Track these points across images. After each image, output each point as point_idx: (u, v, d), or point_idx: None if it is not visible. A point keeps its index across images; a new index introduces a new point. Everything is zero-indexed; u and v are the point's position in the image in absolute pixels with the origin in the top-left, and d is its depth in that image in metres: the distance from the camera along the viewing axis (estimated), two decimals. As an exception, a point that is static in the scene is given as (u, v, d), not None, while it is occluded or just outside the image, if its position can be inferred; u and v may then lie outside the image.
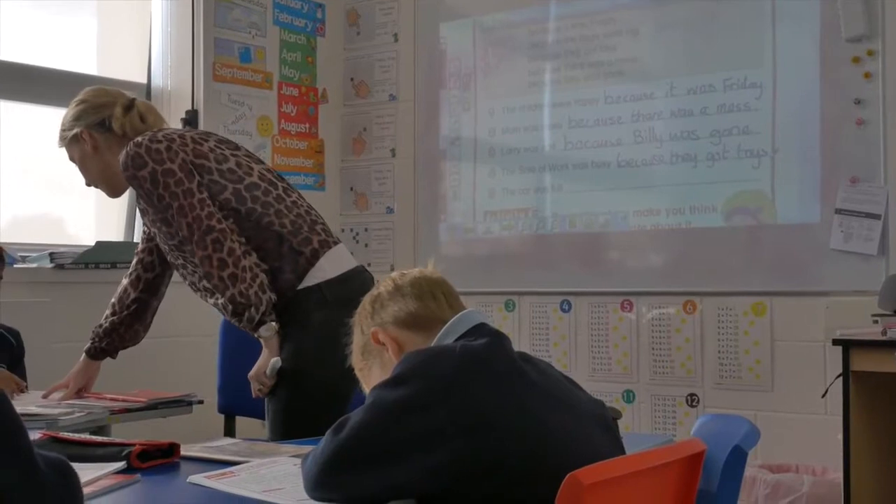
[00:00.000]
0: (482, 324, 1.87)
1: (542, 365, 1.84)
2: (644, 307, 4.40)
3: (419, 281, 1.94)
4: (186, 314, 3.25)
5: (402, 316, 1.90)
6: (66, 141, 2.89)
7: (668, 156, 4.35)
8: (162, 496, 1.91)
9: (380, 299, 1.94)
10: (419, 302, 1.90)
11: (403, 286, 1.94)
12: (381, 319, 1.93)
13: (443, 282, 1.97)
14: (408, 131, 5.12)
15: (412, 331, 1.88)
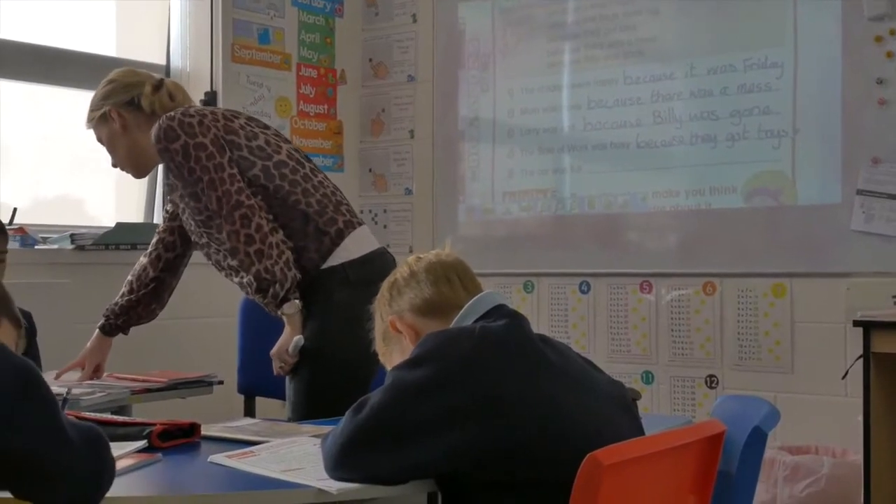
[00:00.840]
0: (501, 305, 1.87)
1: (561, 347, 1.85)
2: (663, 288, 4.38)
3: (434, 266, 1.94)
4: (207, 295, 3.27)
5: (417, 303, 1.91)
6: (94, 121, 2.89)
7: (687, 136, 4.33)
8: (183, 475, 1.92)
9: (396, 286, 1.95)
10: (434, 288, 1.90)
11: (418, 272, 1.94)
12: (398, 307, 1.93)
13: (458, 264, 1.96)
14: (426, 112, 5.11)
15: (428, 317, 1.89)
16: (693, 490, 1.79)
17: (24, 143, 4.36)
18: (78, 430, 1.56)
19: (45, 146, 4.41)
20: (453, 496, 1.75)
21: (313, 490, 1.66)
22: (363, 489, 1.69)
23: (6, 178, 4.31)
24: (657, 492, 1.69)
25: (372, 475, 1.69)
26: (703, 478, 1.80)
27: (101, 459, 1.59)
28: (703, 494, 1.81)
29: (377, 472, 1.69)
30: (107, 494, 1.59)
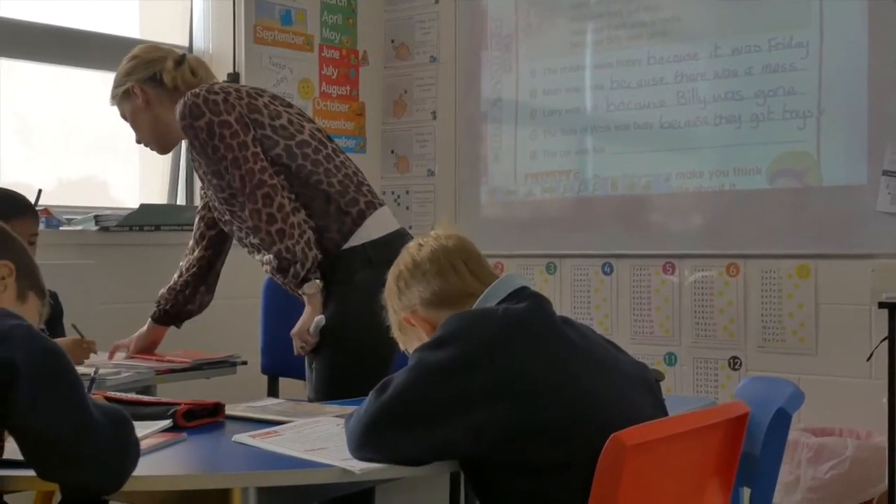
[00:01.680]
0: (523, 287, 1.86)
1: (583, 328, 1.84)
2: (686, 270, 4.37)
3: (437, 255, 1.92)
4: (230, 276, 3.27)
5: (427, 296, 1.90)
6: (117, 97, 2.90)
7: (711, 117, 4.30)
8: (207, 455, 1.94)
9: (402, 278, 1.94)
10: (441, 279, 1.89)
11: (422, 263, 1.92)
12: (408, 301, 1.92)
13: (461, 248, 1.94)
14: (449, 93, 5.09)
15: (441, 308, 1.88)
16: (717, 471, 1.79)
17: (48, 124, 4.38)
18: (103, 412, 1.57)
19: (69, 128, 4.43)
20: (476, 477, 1.75)
21: (337, 470, 1.67)
22: (386, 469, 1.69)
23: (31, 160, 4.33)
24: (681, 473, 1.69)
25: (395, 456, 1.69)
26: (726, 459, 1.79)
27: (126, 441, 1.60)
28: (726, 476, 1.80)
29: (400, 452, 1.69)
30: (133, 473, 1.60)
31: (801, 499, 3.60)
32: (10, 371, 1.47)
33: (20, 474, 1.61)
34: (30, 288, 1.78)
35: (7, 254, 1.75)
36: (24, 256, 1.80)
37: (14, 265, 1.74)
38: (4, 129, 4.29)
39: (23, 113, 4.34)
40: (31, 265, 1.82)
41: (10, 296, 1.73)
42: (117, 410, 1.63)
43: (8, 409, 1.49)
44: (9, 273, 1.73)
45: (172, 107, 2.77)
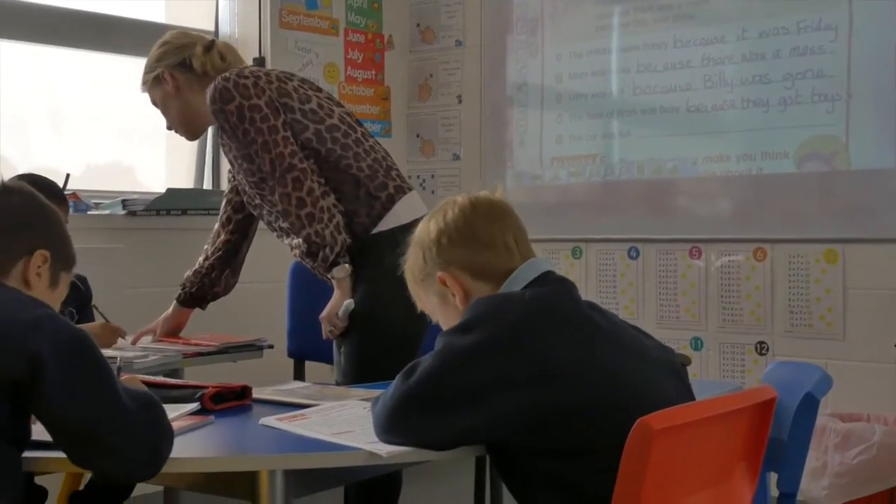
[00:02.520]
0: (548, 272, 1.86)
1: (609, 314, 1.84)
2: (713, 254, 4.35)
3: (492, 226, 1.86)
4: (257, 260, 3.29)
5: (471, 266, 1.85)
6: (148, 83, 2.91)
7: (738, 100, 4.28)
8: (235, 437, 1.95)
9: (447, 234, 1.87)
10: (492, 252, 1.84)
11: (477, 227, 1.86)
12: (448, 259, 1.87)
13: (516, 224, 1.90)
14: (474, 77, 5.08)
15: (479, 280, 1.85)
16: (744, 456, 1.78)
17: (76, 109, 4.40)
18: (134, 398, 1.57)
19: (97, 113, 4.45)
20: (502, 461, 1.75)
21: (363, 453, 1.67)
22: (412, 453, 1.70)
23: (60, 145, 4.36)
24: (708, 457, 1.69)
25: (421, 439, 1.70)
26: (754, 444, 1.78)
27: (159, 426, 1.60)
28: (753, 461, 1.80)
29: (427, 436, 1.69)
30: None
31: (829, 484, 3.58)
32: (37, 362, 1.47)
33: (51, 456, 1.63)
34: (62, 269, 1.78)
35: (44, 239, 1.74)
36: (59, 235, 1.79)
37: (49, 253, 1.73)
38: (35, 115, 4.32)
39: (53, 98, 4.36)
40: (64, 241, 1.79)
41: (44, 284, 1.72)
42: (148, 395, 1.63)
43: (38, 400, 1.50)
44: (44, 261, 1.72)
45: (202, 92, 2.78)
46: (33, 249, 1.71)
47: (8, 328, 1.49)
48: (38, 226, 1.75)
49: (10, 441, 1.52)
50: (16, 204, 1.75)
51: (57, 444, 1.56)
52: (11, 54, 4.16)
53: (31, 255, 1.70)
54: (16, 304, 1.56)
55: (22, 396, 1.49)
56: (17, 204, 1.75)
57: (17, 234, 1.71)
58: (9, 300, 1.57)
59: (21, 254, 1.70)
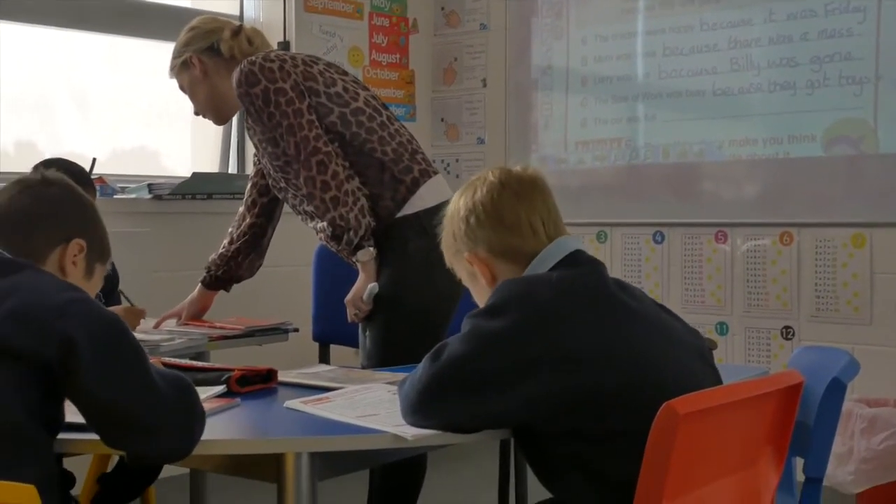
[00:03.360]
0: (577, 251, 1.84)
1: (638, 293, 1.82)
2: (739, 238, 4.33)
3: (519, 207, 1.84)
4: (282, 244, 3.29)
5: (497, 248, 1.84)
6: (176, 68, 2.91)
7: (765, 84, 4.25)
8: (260, 420, 1.96)
9: (475, 214, 1.86)
10: (517, 235, 1.83)
11: (504, 209, 1.84)
12: (474, 239, 1.86)
13: (546, 203, 1.87)
14: (499, 61, 5.07)
15: (507, 261, 1.84)
16: (770, 441, 1.77)
17: (103, 94, 4.42)
18: (166, 381, 1.59)
19: (122, 98, 4.47)
20: (528, 444, 1.75)
21: (388, 436, 1.68)
22: (438, 436, 1.70)
23: (86, 130, 4.38)
24: (734, 442, 1.68)
25: (447, 422, 1.70)
26: (780, 429, 1.78)
27: (192, 408, 1.62)
28: (780, 445, 1.79)
29: (453, 419, 1.70)
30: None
31: (855, 469, 3.56)
32: (70, 347, 1.49)
33: (80, 437, 1.64)
34: (97, 260, 1.80)
35: (80, 229, 1.76)
36: (95, 226, 1.81)
37: (86, 242, 1.75)
38: (62, 100, 4.34)
39: (79, 83, 4.38)
40: (101, 232, 1.82)
41: (79, 272, 1.75)
42: (180, 378, 1.65)
43: (71, 383, 1.51)
44: (80, 251, 1.74)
45: (229, 76, 2.78)
46: (70, 238, 1.73)
47: (40, 310, 1.51)
48: (75, 216, 1.78)
49: (43, 424, 1.53)
50: (54, 194, 1.77)
51: (90, 426, 1.57)
52: (39, 39, 4.19)
53: (67, 243, 1.73)
54: (49, 287, 1.58)
55: (54, 379, 1.51)
56: (55, 194, 1.77)
57: (54, 223, 1.74)
58: (42, 283, 1.59)
59: (58, 242, 1.72)
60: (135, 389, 1.54)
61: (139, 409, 1.54)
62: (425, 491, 2.79)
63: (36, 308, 1.51)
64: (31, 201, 1.73)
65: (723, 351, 4.27)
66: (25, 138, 4.25)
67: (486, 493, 3.18)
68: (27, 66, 4.18)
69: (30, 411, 1.50)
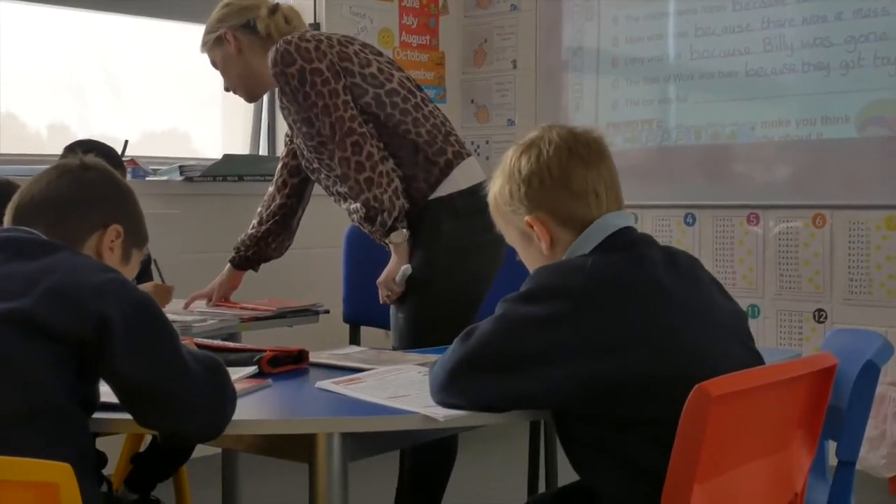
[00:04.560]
0: (625, 229, 1.78)
1: (686, 268, 1.77)
2: (771, 220, 4.30)
3: (587, 174, 1.78)
4: (314, 226, 3.30)
5: (560, 213, 1.78)
6: (209, 44, 2.90)
7: (799, 64, 4.20)
8: (292, 400, 1.96)
9: (539, 177, 1.78)
10: (582, 202, 1.77)
11: (572, 175, 1.77)
12: (537, 202, 1.79)
13: (607, 172, 1.81)
14: (529, 42, 5.05)
15: (567, 227, 1.78)
16: (802, 424, 1.76)
17: (134, 77, 4.44)
18: (198, 361, 1.61)
19: (154, 80, 4.49)
20: (561, 427, 1.75)
21: (419, 416, 1.68)
22: (468, 417, 1.70)
23: (117, 112, 4.41)
24: (766, 425, 1.67)
25: (477, 401, 1.70)
26: (812, 412, 1.76)
27: (223, 388, 1.64)
28: (812, 429, 1.78)
29: (482, 398, 1.70)
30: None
31: (887, 453, 3.54)
32: (104, 326, 1.50)
33: (113, 417, 1.66)
34: (134, 245, 1.82)
35: (119, 214, 1.77)
36: (133, 212, 1.82)
37: (123, 228, 1.77)
38: (94, 82, 4.36)
39: (110, 65, 4.40)
40: (138, 218, 1.84)
41: (116, 258, 1.76)
42: (212, 358, 1.66)
43: (105, 362, 1.53)
44: (117, 236, 1.76)
45: (264, 54, 2.77)
46: (108, 224, 1.75)
47: (77, 290, 1.52)
48: (113, 201, 1.79)
49: (80, 403, 1.55)
50: (93, 179, 1.78)
51: (123, 405, 1.59)
52: (70, 22, 4.21)
53: (105, 229, 1.74)
54: (85, 267, 1.59)
55: (89, 358, 1.52)
56: (93, 179, 1.78)
57: (92, 208, 1.75)
58: (79, 263, 1.60)
59: (95, 227, 1.74)
60: (167, 369, 1.56)
61: (171, 387, 1.56)
62: (455, 473, 2.79)
63: (73, 288, 1.53)
64: (70, 187, 1.75)
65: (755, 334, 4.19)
66: (58, 121, 4.29)
67: (516, 476, 3.19)
68: (60, 49, 4.21)
69: (67, 390, 1.52)
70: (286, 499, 3.60)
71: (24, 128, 4.23)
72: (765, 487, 1.70)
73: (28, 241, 1.64)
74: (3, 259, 1.58)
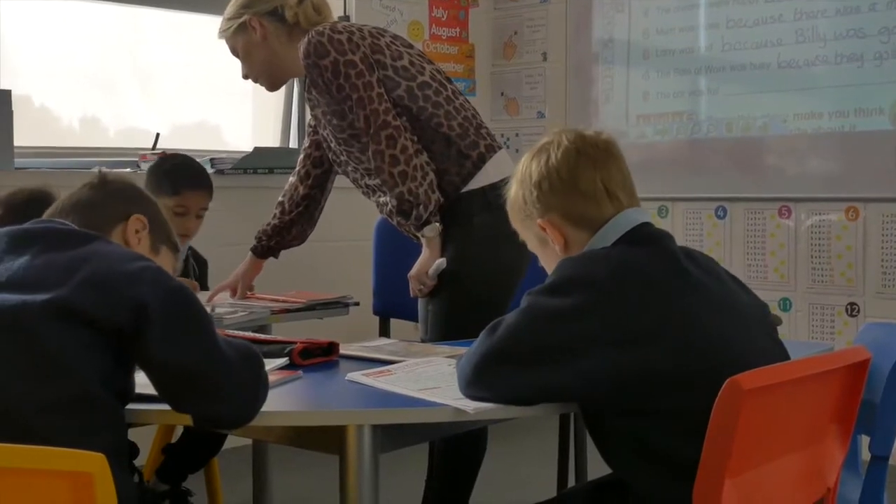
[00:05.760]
0: (643, 224, 1.81)
1: (706, 263, 1.78)
2: (803, 213, 4.26)
3: (596, 175, 1.80)
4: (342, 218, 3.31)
5: (571, 215, 1.81)
6: (230, 30, 2.84)
7: (832, 56, 4.16)
8: (322, 392, 1.97)
9: (548, 180, 1.81)
10: (592, 202, 1.79)
11: (580, 176, 1.80)
12: (548, 205, 1.82)
13: (617, 171, 1.84)
14: (559, 34, 5.03)
15: (580, 228, 1.81)
16: (835, 418, 1.75)
17: (165, 70, 4.46)
18: (233, 348, 1.63)
19: (184, 73, 4.50)
20: (590, 419, 1.75)
21: (450, 409, 1.68)
22: (498, 409, 1.70)
23: (148, 105, 4.43)
24: (798, 419, 1.66)
25: (504, 394, 1.70)
26: (845, 406, 1.75)
27: (257, 375, 1.66)
28: (845, 423, 1.76)
29: (510, 391, 1.69)
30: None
31: (921, 448, 3.51)
32: (141, 312, 1.53)
33: (146, 408, 1.67)
34: (163, 242, 1.87)
35: (140, 208, 1.83)
36: (157, 214, 1.88)
37: (147, 219, 1.82)
38: (125, 75, 4.39)
39: (142, 59, 4.43)
40: (164, 221, 1.90)
41: (144, 248, 1.81)
42: (247, 346, 1.69)
43: (141, 349, 1.55)
44: (142, 227, 1.81)
45: (289, 43, 2.75)
46: (129, 214, 1.81)
47: (113, 278, 1.55)
48: (133, 198, 1.86)
49: (115, 393, 1.57)
50: (113, 182, 1.86)
51: (159, 390, 1.61)
52: (101, 15, 4.23)
53: (127, 220, 1.80)
54: (120, 255, 1.62)
55: (125, 346, 1.54)
56: (114, 182, 1.86)
57: (113, 203, 1.82)
58: (114, 252, 1.63)
59: (119, 219, 1.80)
60: (202, 353, 1.57)
61: (206, 371, 1.58)
62: (485, 465, 2.79)
63: (109, 276, 1.55)
64: (92, 192, 1.82)
65: (786, 327, 4.22)
66: (90, 114, 4.32)
67: (546, 469, 3.18)
68: (91, 42, 4.23)
69: (104, 379, 1.54)
70: (316, 490, 3.62)
71: (58, 121, 4.26)
72: (797, 482, 1.69)
73: (63, 231, 1.67)
74: (39, 250, 1.60)
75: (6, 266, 1.58)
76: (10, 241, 1.63)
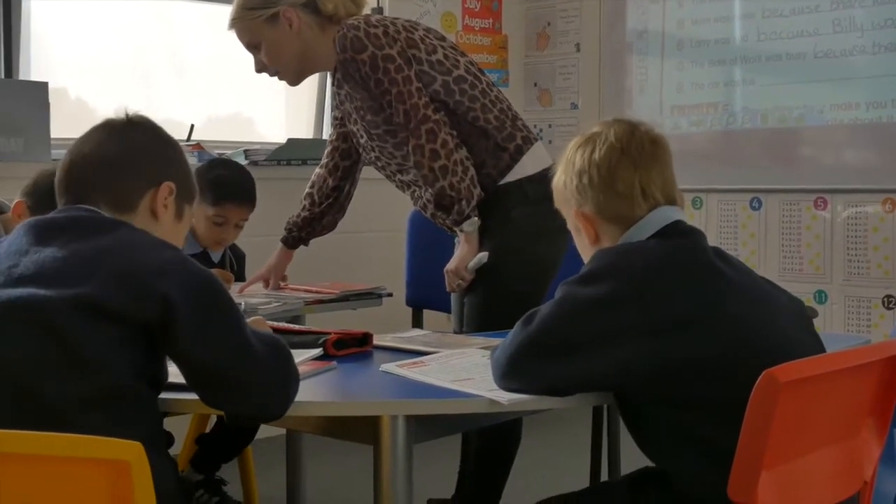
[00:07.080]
0: (677, 221, 1.81)
1: (738, 263, 1.79)
2: (839, 205, 4.23)
3: (635, 175, 1.79)
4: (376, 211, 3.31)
5: (605, 211, 1.81)
6: (258, 21, 2.70)
7: (869, 46, 4.12)
8: (356, 383, 1.98)
9: (588, 174, 1.81)
10: (627, 201, 1.78)
11: (619, 176, 1.79)
12: (584, 197, 1.81)
13: (660, 171, 1.82)
14: (593, 25, 5.01)
15: (613, 224, 1.80)
16: (872, 412, 1.74)
17: (199, 62, 4.48)
18: (262, 341, 1.61)
19: (218, 65, 4.52)
20: (626, 409, 1.75)
21: (485, 400, 1.68)
22: (533, 400, 1.70)
23: (183, 96, 4.45)
24: (834, 412, 1.65)
25: (539, 385, 1.70)
26: (883, 400, 1.73)
27: (287, 369, 1.64)
28: (882, 417, 1.75)
29: (545, 382, 1.69)
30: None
31: (958, 442, 3.48)
32: (168, 306, 1.51)
33: (180, 397, 1.68)
34: (186, 201, 1.80)
35: (169, 171, 1.76)
36: (182, 168, 1.81)
37: (175, 184, 1.75)
38: (160, 67, 4.41)
39: (177, 51, 4.45)
40: (187, 173, 1.81)
41: (170, 215, 1.75)
42: (276, 338, 1.67)
43: (170, 342, 1.54)
44: (170, 193, 1.74)
45: (322, 36, 2.68)
46: (160, 181, 1.73)
47: (138, 271, 1.53)
48: (163, 158, 1.77)
49: (148, 382, 1.57)
50: (140, 137, 1.76)
51: (189, 384, 1.61)
52: (138, 8, 4.26)
53: (157, 186, 1.73)
54: (146, 246, 1.60)
55: (155, 338, 1.54)
56: (141, 137, 1.77)
57: (144, 167, 1.74)
58: (139, 242, 1.61)
59: (149, 186, 1.72)
60: (231, 348, 1.56)
61: (235, 366, 1.57)
62: (518, 457, 2.79)
63: (135, 269, 1.53)
64: (120, 147, 1.73)
65: (822, 320, 4.18)
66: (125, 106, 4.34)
67: (579, 460, 3.18)
68: (127, 35, 4.26)
69: (135, 370, 1.54)
70: (350, 480, 3.63)
71: (93, 113, 4.29)
72: (833, 475, 1.68)
73: (89, 219, 1.63)
74: (66, 241, 1.58)
75: (33, 259, 1.56)
76: (36, 232, 1.61)
